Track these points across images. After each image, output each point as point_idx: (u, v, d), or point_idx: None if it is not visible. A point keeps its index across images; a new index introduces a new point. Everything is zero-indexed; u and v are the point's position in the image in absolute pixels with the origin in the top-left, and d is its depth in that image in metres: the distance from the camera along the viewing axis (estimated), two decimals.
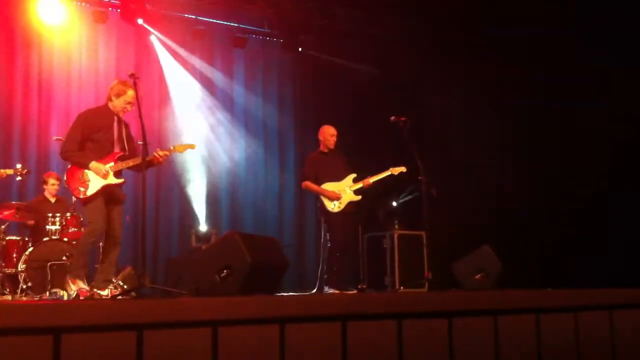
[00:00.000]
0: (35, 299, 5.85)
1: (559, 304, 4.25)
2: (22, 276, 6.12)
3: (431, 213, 6.49)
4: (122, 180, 5.14)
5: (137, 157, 5.08)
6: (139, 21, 9.16)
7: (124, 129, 5.25)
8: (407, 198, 9.11)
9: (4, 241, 6.39)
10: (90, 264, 5.48)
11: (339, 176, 6.78)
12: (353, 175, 6.82)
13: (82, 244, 5.12)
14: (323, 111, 9.15)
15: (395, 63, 9.65)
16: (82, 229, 6.25)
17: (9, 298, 6.01)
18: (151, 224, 8.74)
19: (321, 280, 6.76)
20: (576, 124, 7.86)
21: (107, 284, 5.04)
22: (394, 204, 9.36)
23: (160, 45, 9.52)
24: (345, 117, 8.31)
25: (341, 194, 6.69)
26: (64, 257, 6.16)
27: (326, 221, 6.72)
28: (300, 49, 10.32)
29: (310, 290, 6.91)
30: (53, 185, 7.22)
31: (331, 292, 6.38)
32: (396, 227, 8.23)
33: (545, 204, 8.08)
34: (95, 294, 4.85)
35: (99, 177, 5.03)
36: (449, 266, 6.14)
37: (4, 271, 6.26)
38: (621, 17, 7.45)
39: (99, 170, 5.01)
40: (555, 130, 8.14)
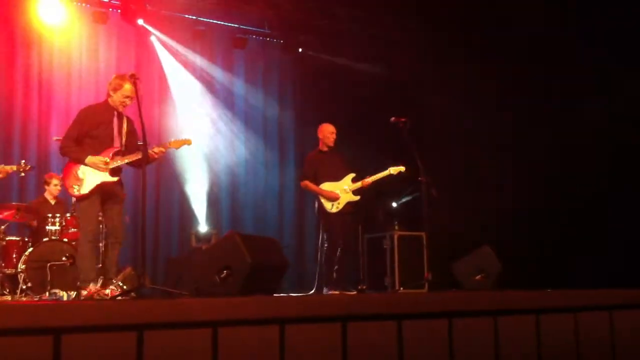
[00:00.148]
0: (35, 299, 5.85)
1: (559, 304, 4.25)
2: (22, 276, 6.12)
3: (431, 214, 6.49)
4: (116, 178, 5.08)
5: (132, 154, 5.07)
6: (139, 22, 9.18)
7: (126, 124, 5.22)
8: (407, 199, 9.11)
9: (4, 241, 6.38)
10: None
11: (337, 176, 6.76)
12: (352, 175, 6.80)
13: (81, 249, 5.10)
14: (323, 111, 9.14)
15: (396, 63, 9.65)
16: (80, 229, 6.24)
17: (8, 298, 6.00)
18: (151, 224, 8.75)
19: (320, 280, 6.74)
20: (576, 124, 7.86)
21: (109, 283, 5.03)
22: (394, 204, 9.35)
23: (160, 46, 9.53)
24: (346, 117, 8.30)
25: (340, 194, 6.67)
26: (63, 258, 6.17)
27: (324, 221, 6.70)
28: (300, 49, 10.33)
29: (309, 291, 6.90)
30: (56, 186, 7.21)
31: (331, 292, 6.37)
32: (396, 227, 8.22)
33: (545, 204, 8.08)
34: (96, 293, 4.85)
35: (95, 175, 5.01)
36: (449, 267, 6.14)
37: (4, 271, 6.25)
38: (621, 17, 7.45)
39: (96, 164, 4.98)
40: (556, 130, 8.14)
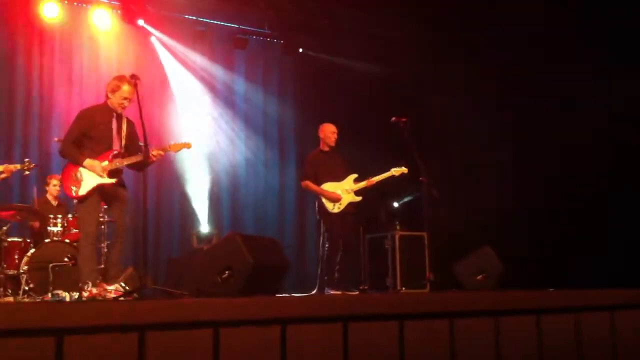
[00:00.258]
0: (37, 300, 5.85)
1: (560, 304, 4.25)
2: (24, 278, 6.11)
3: (432, 214, 6.50)
4: (114, 180, 5.07)
5: (132, 156, 5.08)
6: (140, 22, 9.18)
7: (126, 126, 5.22)
8: (409, 199, 9.11)
9: (6, 243, 6.37)
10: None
11: (339, 176, 6.76)
12: (354, 176, 6.79)
13: (82, 252, 5.10)
14: (323, 111, 9.15)
15: (396, 63, 9.65)
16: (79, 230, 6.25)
17: (11, 299, 6.00)
18: (152, 224, 8.75)
19: (321, 281, 6.74)
20: (576, 124, 7.86)
21: (113, 281, 5.04)
22: (395, 204, 9.35)
23: (161, 46, 9.53)
24: (346, 117, 8.30)
25: (341, 194, 6.66)
26: (65, 259, 6.17)
27: (325, 222, 6.69)
28: (300, 49, 10.33)
29: (310, 291, 6.90)
30: (55, 187, 7.23)
31: (332, 293, 6.36)
32: (397, 228, 8.20)
33: (545, 204, 8.08)
34: (99, 294, 4.86)
35: (93, 176, 5.01)
36: (450, 267, 6.15)
37: (6, 273, 6.25)
38: (621, 17, 7.46)
39: (93, 167, 4.99)
40: (556, 130, 8.14)
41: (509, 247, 7.22)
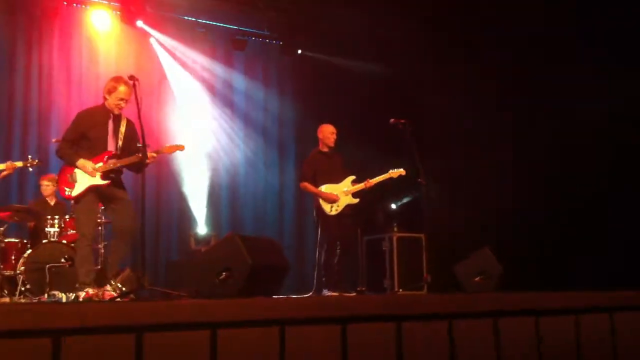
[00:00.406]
0: (34, 301, 5.84)
1: (559, 306, 4.24)
2: (21, 278, 6.11)
3: (430, 215, 6.48)
4: (107, 181, 5.07)
5: (127, 158, 5.07)
6: (139, 23, 9.18)
7: (124, 127, 5.22)
8: (407, 200, 9.10)
9: (3, 243, 6.37)
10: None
11: (337, 178, 6.74)
12: (352, 178, 6.78)
13: (79, 253, 5.11)
14: (323, 112, 9.14)
15: (396, 63, 9.64)
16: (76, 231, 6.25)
17: (7, 300, 5.99)
18: (150, 225, 8.73)
19: (319, 282, 6.72)
20: (576, 124, 7.85)
21: (105, 282, 5.03)
22: (393, 206, 9.34)
23: (160, 48, 9.53)
24: (345, 118, 8.29)
25: (339, 196, 6.65)
26: (62, 260, 6.15)
27: (323, 223, 6.66)
28: (299, 50, 10.32)
29: (308, 292, 6.88)
30: (48, 187, 7.22)
31: (330, 294, 6.34)
32: (395, 229, 8.20)
33: (545, 204, 8.07)
34: (95, 295, 4.85)
35: (86, 177, 5.02)
36: (448, 268, 6.12)
37: (3, 273, 6.24)
38: (621, 17, 7.45)
39: (85, 168, 5.01)
40: (556, 130, 8.13)
41: (509, 248, 7.21)
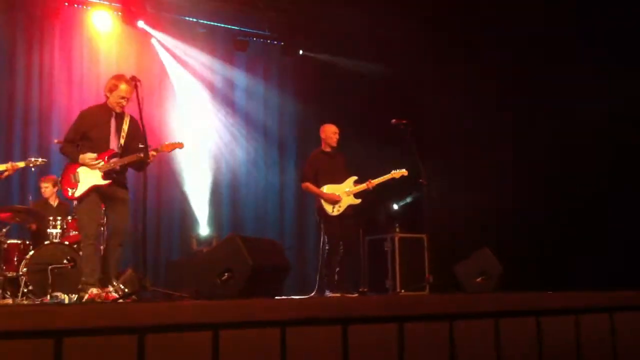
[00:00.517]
0: (37, 302, 5.85)
1: (559, 306, 4.25)
2: (23, 280, 6.11)
3: (432, 216, 6.48)
4: (109, 181, 5.07)
5: (129, 157, 5.08)
6: (140, 24, 9.18)
7: (127, 125, 5.22)
8: (408, 201, 9.10)
9: (5, 244, 6.37)
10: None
11: (339, 178, 6.73)
12: (354, 178, 6.77)
13: (83, 252, 5.12)
14: (324, 112, 9.15)
15: (396, 63, 9.64)
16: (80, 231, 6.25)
17: (10, 302, 5.99)
18: (152, 226, 8.74)
19: (320, 283, 6.73)
20: (576, 124, 7.86)
21: (108, 284, 5.03)
22: (394, 207, 9.34)
23: (161, 48, 9.53)
24: (346, 118, 8.29)
25: (341, 197, 6.65)
26: (65, 261, 6.16)
27: (324, 224, 6.66)
28: (301, 51, 10.33)
29: (309, 293, 6.88)
30: (47, 188, 7.23)
31: (332, 295, 6.35)
32: (397, 230, 8.20)
33: (545, 204, 8.08)
34: (97, 296, 4.86)
35: (89, 178, 5.02)
36: (449, 269, 6.13)
37: (5, 275, 6.25)
38: (621, 17, 7.45)
39: (86, 162, 5.01)
40: (556, 130, 8.13)
41: (509, 248, 7.21)
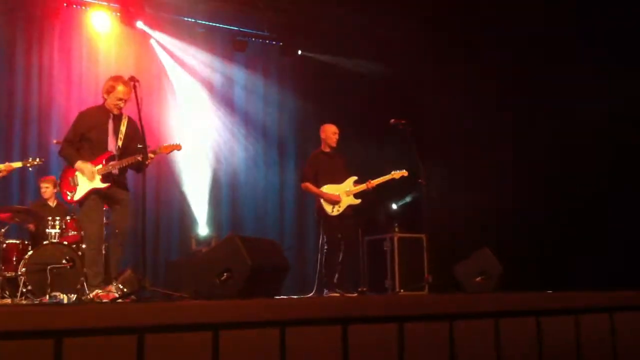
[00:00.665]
0: (35, 302, 5.84)
1: (559, 306, 4.24)
2: (22, 280, 6.10)
3: (431, 216, 6.48)
4: (107, 184, 5.08)
5: (127, 159, 5.08)
6: (139, 24, 9.18)
7: (126, 126, 5.22)
8: (407, 201, 9.09)
9: (4, 244, 6.35)
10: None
11: (339, 179, 6.73)
12: (354, 178, 6.77)
13: (86, 255, 5.15)
14: (323, 113, 9.14)
15: (396, 63, 9.65)
16: (82, 233, 6.25)
17: (8, 302, 5.99)
18: (151, 226, 8.74)
19: (320, 283, 6.73)
20: (576, 124, 7.85)
21: (108, 283, 5.03)
22: (394, 206, 9.34)
23: (160, 48, 9.53)
24: (346, 118, 8.29)
25: (341, 197, 6.65)
26: (64, 261, 6.14)
27: (324, 223, 6.66)
28: (300, 51, 10.33)
29: (309, 293, 6.88)
30: (47, 188, 7.22)
31: (331, 295, 6.34)
32: (396, 230, 8.20)
33: (545, 204, 8.07)
34: (96, 296, 4.86)
35: (86, 181, 5.03)
36: (449, 269, 6.13)
37: (4, 275, 6.23)
38: (621, 17, 7.45)
39: (82, 170, 5.02)
40: (556, 130, 8.13)
41: (509, 248, 7.21)
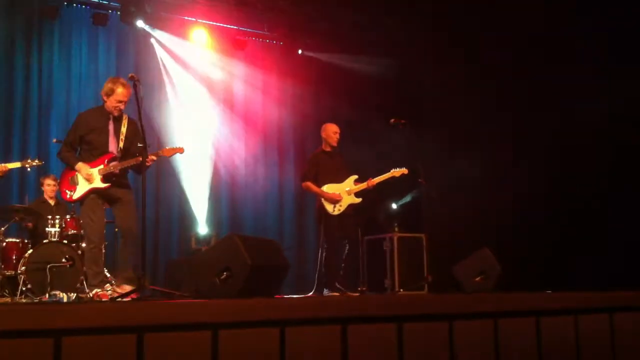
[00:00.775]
0: (35, 301, 5.84)
1: (559, 306, 4.24)
2: (22, 278, 6.09)
3: (431, 215, 6.47)
4: (108, 184, 5.08)
5: (128, 160, 5.08)
6: (139, 23, 9.18)
7: (126, 127, 5.22)
8: (407, 200, 9.09)
9: (4, 243, 6.35)
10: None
11: (339, 178, 6.73)
12: (354, 177, 6.77)
13: (86, 254, 5.15)
14: (323, 112, 9.16)
15: (396, 64, 9.64)
16: (82, 232, 6.25)
17: (8, 300, 5.99)
18: (151, 225, 8.73)
19: (319, 282, 6.72)
20: (576, 124, 7.85)
21: (125, 281, 5.03)
22: (393, 206, 9.34)
23: (160, 48, 9.54)
24: (345, 118, 8.30)
25: (342, 196, 6.65)
26: (63, 260, 6.15)
27: (325, 223, 6.65)
28: (300, 50, 10.33)
29: (309, 292, 6.88)
30: (49, 186, 7.22)
31: (331, 294, 6.34)
32: (396, 229, 8.20)
33: (545, 204, 8.07)
34: (96, 294, 4.87)
35: (86, 181, 5.04)
36: (449, 268, 6.13)
37: (4, 273, 6.23)
38: (621, 17, 7.45)
39: (81, 172, 5.04)
40: (556, 130, 8.13)
41: (509, 248, 7.20)
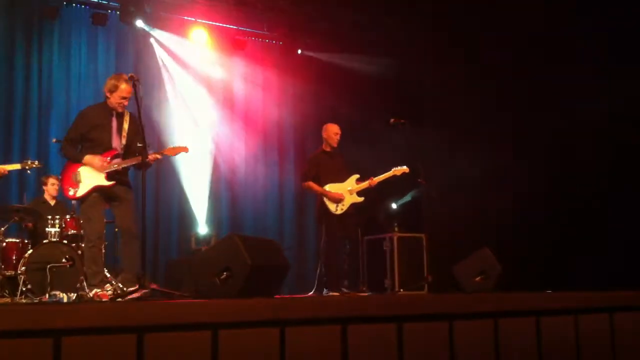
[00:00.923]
0: (35, 301, 5.83)
1: (559, 306, 4.24)
2: (22, 278, 6.10)
3: (431, 215, 6.47)
4: (112, 182, 5.07)
5: (130, 159, 5.08)
6: (139, 23, 9.18)
7: (128, 123, 5.21)
8: (407, 200, 9.09)
9: (4, 243, 6.36)
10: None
11: (341, 177, 6.73)
12: (356, 176, 6.78)
13: (86, 254, 5.13)
14: (323, 112, 9.15)
15: (396, 63, 9.64)
16: (82, 231, 6.24)
17: (8, 300, 5.98)
18: (151, 225, 8.73)
19: (320, 282, 6.73)
20: (576, 124, 7.85)
21: (127, 283, 5.03)
22: (393, 206, 9.34)
23: (159, 47, 9.53)
24: (345, 118, 8.29)
25: (344, 195, 6.65)
26: (63, 260, 6.15)
27: (326, 223, 6.66)
28: (299, 50, 10.33)
29: (309, 292, 6.88)
30: (53, 185, 7.22)
31: (331, 294, 6.34)
32: (396, 229, 8.19)
33: (545, 204, 8.07)
34: (95, 294, 4.87)
35: (91, 178, 5.02)
36: (449, 268, 6.13)
37: (4, 273, 6.23)
38: (621, 17, 7.45)
39: (92, 162, 5.01)
40: (556, 130, 8.13)
41: (509, 248, 7.20)
